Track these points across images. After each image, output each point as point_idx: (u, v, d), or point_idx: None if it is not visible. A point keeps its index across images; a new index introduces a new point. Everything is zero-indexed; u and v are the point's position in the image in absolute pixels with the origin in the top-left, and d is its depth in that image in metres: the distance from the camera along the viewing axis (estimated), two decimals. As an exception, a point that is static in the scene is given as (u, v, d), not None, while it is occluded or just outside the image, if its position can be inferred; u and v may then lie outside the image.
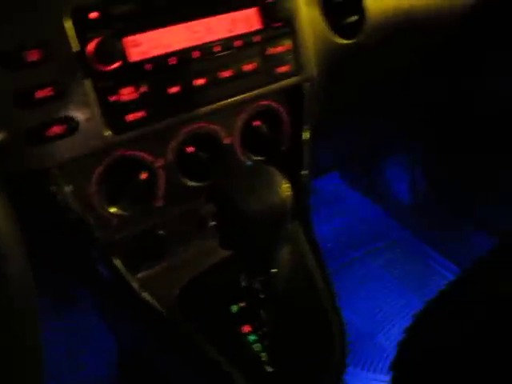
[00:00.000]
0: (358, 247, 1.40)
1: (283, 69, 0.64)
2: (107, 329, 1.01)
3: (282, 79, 0.65)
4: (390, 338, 1.19)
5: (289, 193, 0.55)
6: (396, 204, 1.44)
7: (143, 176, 0.61)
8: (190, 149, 0.64)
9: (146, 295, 0.64)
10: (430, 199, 1.40)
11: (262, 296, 0.63)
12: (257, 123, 0.68)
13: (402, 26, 0.80)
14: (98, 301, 0.87)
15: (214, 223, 0.64)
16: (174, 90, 0.58)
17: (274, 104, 0.68)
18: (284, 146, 0.71)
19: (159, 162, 0.62)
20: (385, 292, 1.32)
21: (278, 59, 0.64)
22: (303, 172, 0.72)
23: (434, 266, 1.36)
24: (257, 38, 0.62)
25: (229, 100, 0.62)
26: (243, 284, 0.63)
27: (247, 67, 0.62)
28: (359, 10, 0.75)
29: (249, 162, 0.68)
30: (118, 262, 0.62)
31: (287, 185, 0.56)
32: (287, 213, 0.55)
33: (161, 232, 0.65)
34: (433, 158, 1.36)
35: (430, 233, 1.40)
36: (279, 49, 0.64)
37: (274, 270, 0.62)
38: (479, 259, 0.86)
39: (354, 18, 0.74)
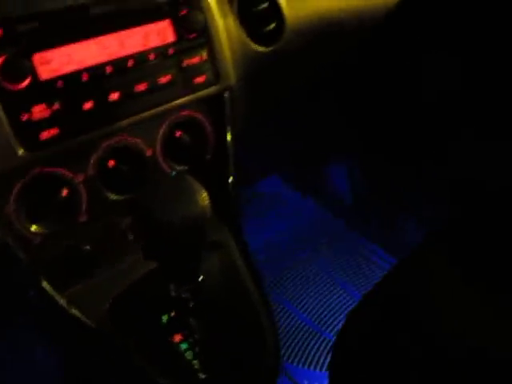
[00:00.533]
0: (303, 247, 1.42)
1: (200, 79, 0.65)
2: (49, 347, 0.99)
3: (200, 90, 0.66)
4: (337, 334, 1.22)
5: (207, 202, 0.56)
6: (337, 202, 1.48)
7: (64, 192, 0.61)
8: (112, 162, 0.64)
9: (75, 312, 0.64)
10: (367, 195, 1.44)
11: (191, 304, 0.64)
12: (179, 133, 0.69)
13: (322, 30, 0.82)
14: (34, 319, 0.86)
15: (132, 236, 0.65)
16: (88, 106, 0.58)
17: (195, 113, 0.69)
18: (208, 154, 0.72)
19: (80, 178, 0.62)
20: (331, 289, 1.34)
21: (195, 70, 0.65)
22: (229, 179, 0.73)
23: (377, 260, 1.40)
24: (171, 50, 0.62)
25: (146, 113, 0.62)
26: (172, 293, 0.64)
27: (163, 80, 0.62)
28: (277, 17, 0.76)
29: (173, 173, 0.69)
30: (44, 282, 0.61)
31: (205, 194, 0.57)
32: (206, 222, 0.56)
33: (87, 247, 0.65)
34: (368, 154, 1.40)
35: (370, 228, 1.44)
36: (195, 60, 0.64)
37: (200, 278, 0.63)
38: (406, 258, 0.89)
39: (272, 26, 0.76)
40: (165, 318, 0.65)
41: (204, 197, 0.56)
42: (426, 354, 0.74)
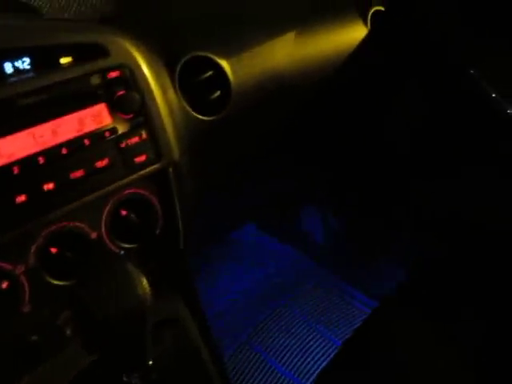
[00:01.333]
0: (281, 295, 1.40)
1: (141, 159, 0.65)
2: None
3: (141, 169, 0.65)
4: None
5: (147, 291, 0.55)
6: (315, 247, 1.46)
7: (4, 285, 0.60)
8: (54, 250, 0.63)
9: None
10: (344, 239, 1.43)
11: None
12: (125, 212, 0.67)
13: (269, 91, 0.82)
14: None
15: (69, 331, 0.63)
16: (22, 199, 0.57)
17: (140, 191, 0.68)
18: (157, 229, 0.71)
19: (20, 269, 0.60)
20: (311, 338, 1.32)
21: (134, 150, 0.64)
22: (180, 249, 0.72)
23: (358, 305, 1.38)
24: (108, 133, 0.62)
25: (85, 198, 0.61)
26: (124, 379, 0.62)
27: (101, 163, 0.62)
28: (222, 84, 0.76)
29: (122, 252, 0.68)
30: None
31: (145, 282, 0.55)
32: (146, 311, 0.55)
33: (34, 337, 0.63)
34: (341, 198, 1.39)
35: (350, 272, 1.42)
36: (134, 140, 0.64)
37: (150, 363, 0.61)
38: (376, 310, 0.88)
39: (217, 94, 0.76)
40: (117, 407, 0.63)
41: (143, 285, 0.55)
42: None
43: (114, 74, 0.62)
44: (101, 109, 0.62)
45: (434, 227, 1.19)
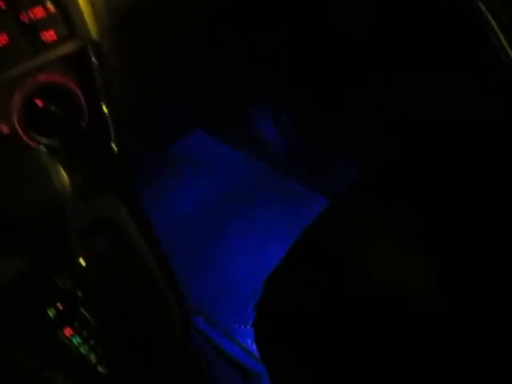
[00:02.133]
0: (237, 200, 1.36)
1: (49, 36, 0.56)
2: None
3: (51, 48, 0.56)
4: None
5: (66, 184, 0.49)
6: (267, 149, 1.41)
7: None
8: None
9: None
10: (298, 140, 1.38)
11: (80, 294, 0.57)
12: (41, 103, 0.59)
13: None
14: None
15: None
16: None
17: (57, 77, 0.60)
18: (83, 122, 0.63)
19: None
20: (269, 243, 1.30)
21: (40, 25, 0.55)
22: (111, 146, 0.65)
23: (313, 205, 1.35)
24: (2, 3, 0.52)
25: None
26: (58, 284, 0.57)
27: (-3, 42, 0.53)
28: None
29: (41, 147, 0.60)
30: None
31: (64, 176, 0.49)
32: (66, 205, 0.49)
33: None
34: (295, 94, 1.33)
35: (305, 173, 1.38)
36: (38, 12, 0.55)
37: (82, 263, 0.55)
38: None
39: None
40: (52, 312, 0.58)
41: (61, 178, 0.49)
42: (350, 305, 0.70)
43: None
44: (-6, -25, 0.52)
45: (386, 123, 1.15)
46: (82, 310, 0.57)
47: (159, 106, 0.92)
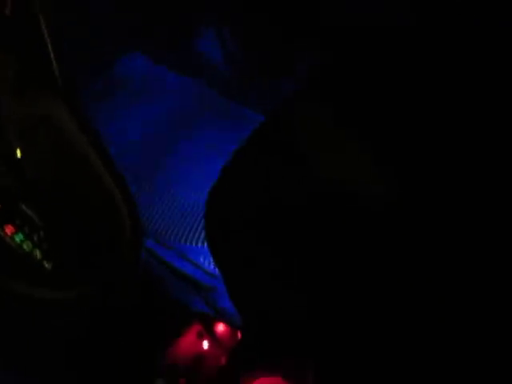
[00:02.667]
0: (183, 126, 1.34)
1: None
2: None
3: None
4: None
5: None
6: (215, 76, 1.38)
7: None
8: None
9: None
10: (246, 64, 1.35)
11: (19, 189, 0.55)
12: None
13: None
14: None
15: None
16: None
17: None
18: (6, 8, 0.59)
19: None
20: (219, 166, 1.29)
21: None
22: (42, 38, 0.61)
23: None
24: None
25: None
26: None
27: None
28: None
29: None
30: None
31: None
32: None
33: None
34: (242, 17, 1.29)
35: (253, 98, 1.37)
36: None
37: (18, 154, 0.53)
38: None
39: None
40: (-10, 211, 0.55)
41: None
42: (299, 202, 0.71)
43: None
44: None
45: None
46: (23, 207, 0.55)
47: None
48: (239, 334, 0.75)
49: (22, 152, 0.53)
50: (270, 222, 0.69)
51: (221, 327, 0.79)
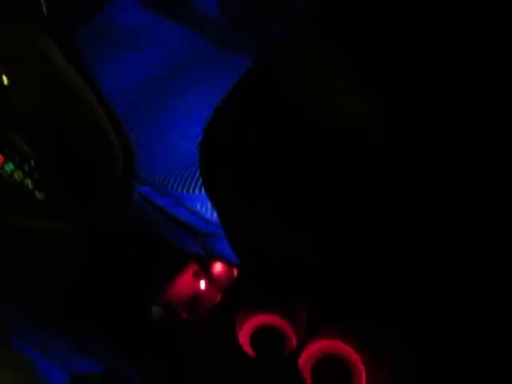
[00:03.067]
0: (176, 78, 1.31)
1: None
2: None
3: None
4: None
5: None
6: (206, 24, 1.35)
7: None
8: None
9: None
10: (239, 12, 1.32)
11: (6, 117, 0.54)
12: None
13: None
14: None
15: None
16: None
17: None
18: None
19: None
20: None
21: None
22: None
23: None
24: None
25: None
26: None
27: None
28: None
29: None
30: None
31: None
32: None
33: None
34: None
35: (245, 46, 1.34)
36: None
37: (4, 81, 0.51)
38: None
39: None
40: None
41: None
42: (294, 135, 0.70)
43: None
44: None
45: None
46: (12, 136, 0.54)
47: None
48: (235, 272, 0.75)
49: (8, 79, 0.52)
50: (265, 159, 0.68)
51: (217, 266, 0.79)
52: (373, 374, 0.68)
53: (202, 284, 0.78)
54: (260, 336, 0.74)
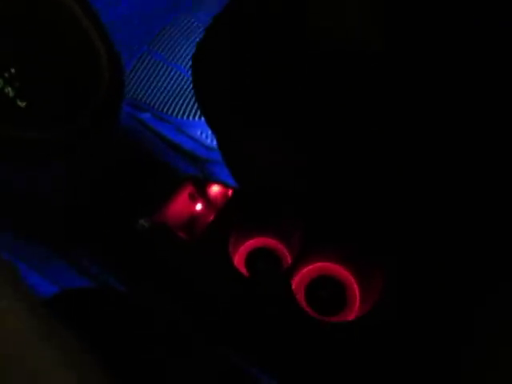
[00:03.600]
0: (174, 7, 1.26)
1: None
2: None
3: None
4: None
5: None
6: None
7: None
8: None
9: None
10: None
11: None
12: None
13: None
14: None
15: None
16: None
17: None
18: None
19: None
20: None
21: None
22: None
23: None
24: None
25: None
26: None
27: None
28: None
29: None
30: None
31: None
32: None
33: None
34: None
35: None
36: None
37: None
38: None
39: None
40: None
41: None
42: (290, 51, 0.66)
43: None
44: None
45: None
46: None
47: None
48: (230, 193, 0.74)
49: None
50: (263, 80, 0.65)
51: (213, 188, 0.78)
52: (365, 294, 0.67)
53: (198, 205, 0.77)
54: (255, 257, 0.74)
